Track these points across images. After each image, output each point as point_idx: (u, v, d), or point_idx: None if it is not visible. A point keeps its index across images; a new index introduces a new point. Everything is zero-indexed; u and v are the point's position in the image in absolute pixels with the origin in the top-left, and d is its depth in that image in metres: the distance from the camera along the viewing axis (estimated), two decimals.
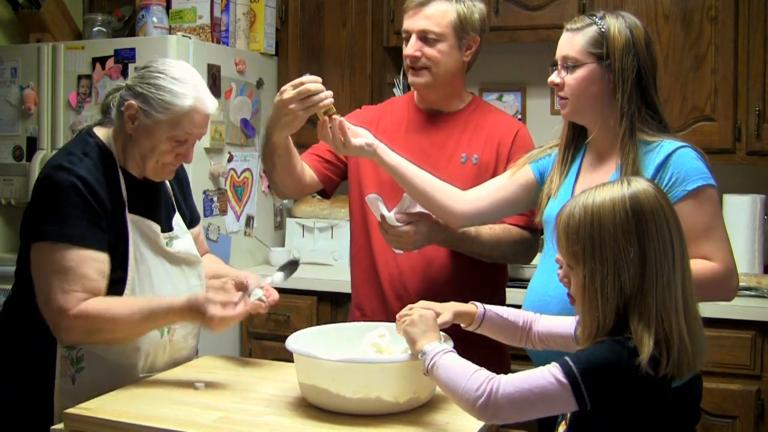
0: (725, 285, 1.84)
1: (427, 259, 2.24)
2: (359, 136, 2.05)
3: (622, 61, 1.87)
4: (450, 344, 1.58)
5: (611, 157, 1.94)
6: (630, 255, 1.40)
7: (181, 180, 2.18)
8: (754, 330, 2.75)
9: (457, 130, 2.31)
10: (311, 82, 2.00)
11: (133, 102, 1.92)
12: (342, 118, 2.02)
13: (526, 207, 2.14)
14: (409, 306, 1.72)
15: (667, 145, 1.87)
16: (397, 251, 2.18)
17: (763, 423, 2.75)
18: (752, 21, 3.02)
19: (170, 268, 2.02)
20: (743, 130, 3.04)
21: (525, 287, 2.04)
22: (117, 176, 1.95)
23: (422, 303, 1.74)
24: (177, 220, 2.10)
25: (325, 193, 2.42)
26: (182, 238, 2.08)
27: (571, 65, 1.92)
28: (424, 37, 2.23)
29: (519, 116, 3.65)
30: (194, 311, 1.83)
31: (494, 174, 2.24)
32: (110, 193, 1.92)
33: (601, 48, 1.89)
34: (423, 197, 2.09)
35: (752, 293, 2.89)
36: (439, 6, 2.22)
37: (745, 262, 3.04)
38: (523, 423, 1.87)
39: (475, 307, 1.77)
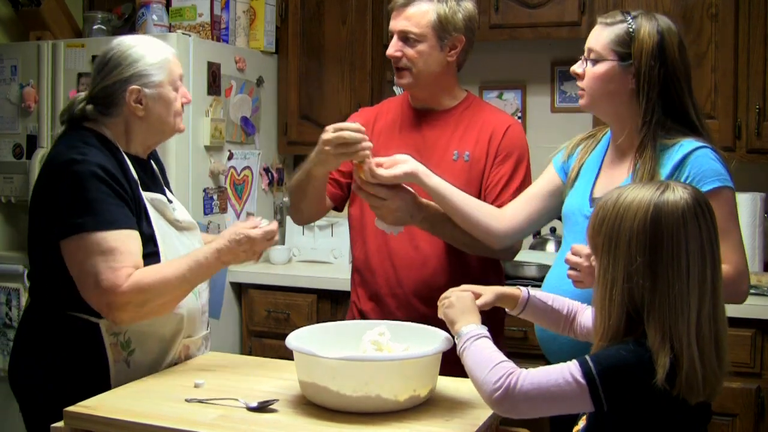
0: (735, 288, 1.83)
1: (422, 256, 2.25)
2: (397, 163, 2.05)
3: (647, 66, 1.85)
4: (485, 329, 1.57)
5: (630, 156, 1.92)
6: (636, 264, 1.39)
7: (161, 164, 2.23)
8: (755, 328, 2.75)
9: (449, 127, 2.30)
10: (352, 130, 2.00)
11: (132, 87, 1.94)
12: (371, 162, 2.01)
13: (560, 211, 2.11)
14: (451, 290, 1.71)
15: (686, 144, 1.85)
16: (380, 225, 2.15)
17: (764, 421, 2.75)
18: (752, 18, 3.01)
19: (180, 236, 2.06)
20: (743, 128, 3.04)
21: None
22: (122, 157, 1.98)
23: (463, 286, 1.72)
24: (168, 193, 2.15)
25: (337, 209, 2.45)
26: (180, 209, 2.13)
27: (593, 59, 1.91)
28: (405, 37, 2.22)
29: (519, 114, 3.64)
30: (236, 244, 1.91)
31: (485, 169, 2.24)
32: (123, 175, 1.94)
33: (626, 48, 1.87)
34: (466, 218, 2.08)
35: (752, 291, 2.88)
36: (421, 6, 2.21)
37: None
38: (525, 423, 1.88)
39: (519, 290, 1.76)
